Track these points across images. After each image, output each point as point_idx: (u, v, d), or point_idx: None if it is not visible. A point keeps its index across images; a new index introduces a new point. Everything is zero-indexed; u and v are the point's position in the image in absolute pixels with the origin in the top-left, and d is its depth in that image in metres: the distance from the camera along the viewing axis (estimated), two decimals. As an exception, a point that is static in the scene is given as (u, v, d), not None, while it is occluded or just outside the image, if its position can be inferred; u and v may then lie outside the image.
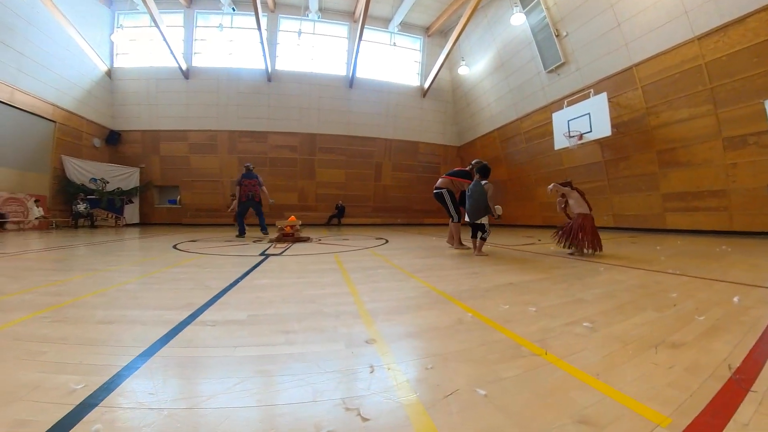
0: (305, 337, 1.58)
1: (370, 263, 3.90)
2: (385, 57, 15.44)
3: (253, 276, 3.13)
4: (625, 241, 6.14)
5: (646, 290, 2.39)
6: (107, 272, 3.30)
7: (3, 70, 10.26)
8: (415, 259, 4.18)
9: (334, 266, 3.68)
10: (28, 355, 1.34)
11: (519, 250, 4.91)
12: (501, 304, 2.06)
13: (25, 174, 11.28)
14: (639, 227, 8.88)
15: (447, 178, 5.44)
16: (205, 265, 3.78)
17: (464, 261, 3.99)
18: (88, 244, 6.06)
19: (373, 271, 3.33)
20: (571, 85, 10.25)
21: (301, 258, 4.38)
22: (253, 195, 7.88)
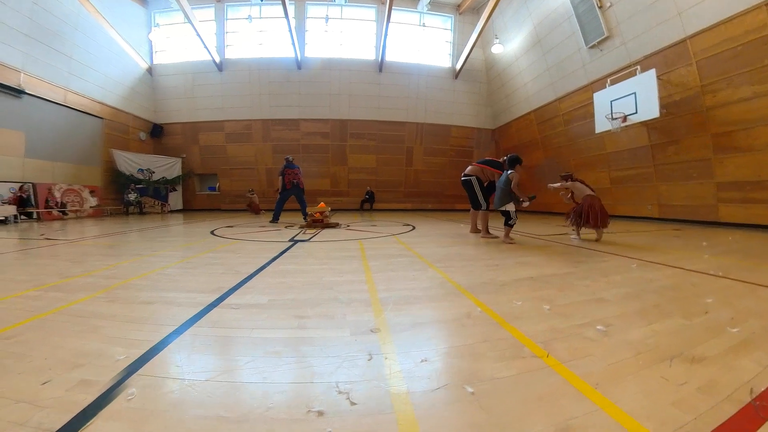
0: (316, 322, 1.77)
1: (392, 251, 4.05)
2: (415, 39, 15.14)
3: (279, 261, 3.42)
4: (667, 234, 5.82)
5: (677, 293, 2.26)
6: (151, 257, 3.73)
7: (56, 75, 11.39)
8: (437, 248, 4.27)
9: (357, 253, 3.88)
10: (88, 329, 1.65)
11: (549, 240, 4.85)
12: (515, 300, 2.10)
13: (79, 167, 12.47)
14: (687, 219, 8.29)
15: (477, 166, 5.48)
16: (238, 251, 4.15)
17: (487, 251, 4.03)
18: (138, 230, 6.74)
19: (393, 260, 3.48)
20: (615, 62, 9.57)
21: (326, 244, 4.65)
22: (297, 182, 8.42)
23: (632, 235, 5.66)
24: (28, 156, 10.94)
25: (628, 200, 10.25)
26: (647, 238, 5.11)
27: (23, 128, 10.72)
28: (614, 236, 5.38)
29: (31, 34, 10.55)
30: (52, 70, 11.23)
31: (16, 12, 10.05)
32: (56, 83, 11.40)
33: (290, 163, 8.47)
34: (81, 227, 7.90)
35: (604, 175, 10.93)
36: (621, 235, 5.51)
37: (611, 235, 5.39)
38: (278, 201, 8.41)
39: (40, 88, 10.93)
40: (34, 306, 1.98)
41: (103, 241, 5.20)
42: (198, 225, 8.09)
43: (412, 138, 15.85)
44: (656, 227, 7.29)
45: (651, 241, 4.78)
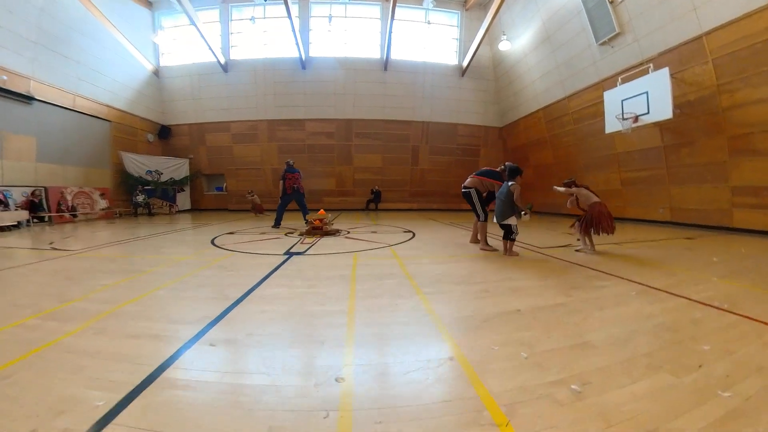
0: (284, 365, 1.76)
1: (384, 268, 3.96)
2: (421, 36, 14.86)
3: (268, 283, 3.39)
4: (679, 245, 5.54)
5: (674, 335, 2.06)
6: (148, 275, 3.74)
7: (65, 80, 11.56)
8: (431, 265, 4.16)
9: (347, 272, 3.81)
10: (74, 369, 1.69)
11: (549, 255, 4.65)
12: (493, 344, 1.97)
13: (89, 170, 12.69)
14: (700, 224, 7.95)
15: (476, 178, 5.38)
16: (231, 267, 4.11)
17: (482, 270, 3.89)
18: (142, 238, 6.77)
19: (382, 282, 3.39)
20: (627, 60, 9.19)
21: (320, 259, 4.58)
22: (297, 187, 8.39)
23: (640, 246, 5.40)
24: (39, 161, 11.16)
25: (639, 202, 9.91)
26: (656, 251, 4.87)
27: (34, 134, 10.93)
28: (622, 248, 5.16)
29: (39, 41, 10.70)
30: (60, 76, 11.40)
31: (23, 20, 10.20)
32: (65, 88, 11.57)
33: (291, 167, 8.41)
34: (88, 232, 8.08)
35: (614, 176, 10.59)
36: (628, 247, 5.27)
37: (619, 248, 5.17)
38: (279, 206, 8.41)
39: (49, 93, 11.12)
40: (31, 339, 2.04)
41: (106, 252, 5.24)
42: (201, 231, 8.11)
43: (418, 137, 15.65)
44: (667, 234, 7.00)
45: (659, 256, 4.54)
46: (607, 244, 5.25)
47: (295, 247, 5.39)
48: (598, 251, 4.72)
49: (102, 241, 6.41)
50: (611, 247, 5.14)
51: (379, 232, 7.32)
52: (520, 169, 4.68)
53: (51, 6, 10.87)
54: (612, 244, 5.30)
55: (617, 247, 5.19)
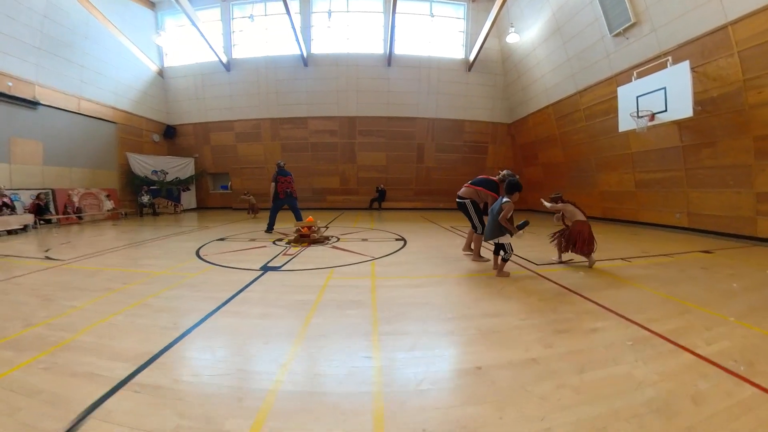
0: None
1: (352, 294, 3.56)
2: (425, 29, 14.19)
3: (226, 309, 3.12)
4: (694, 262, 4.87)
5: (664, 423, 1.57)
6: (117, 294, 3.55)
7: (69, 84, 11.58)
8: (406, 288, 3.73)
9: (312, 296, 3.45)
10: (10, 411, 1.63)
11: (546, 276, 4.10)
12: (425, 424, 1.55)
13: (96, 171, 12.76)
14: (720, 231, 7.21)
15: (471, 188, 4.97)
16: (200, 286, 3.83)
17: (459, 298, 3.45)
18: (132, 245, 6.59)
19: (341, 314, 3.01)
20: (643, 52, 8.38)
21: (292, 277, 4.22)
22: (291, 191, 8.02)
23: (650, 264, 4.74)
24: (46, 164, 11.27)
25: (654, 206, 9.16)
26: (667, 272, 4.22)
27: (41, 138, 11.04)
28: (630, 265, 4.58)
29: (43, 47, 10.75)
30: (64, 80, 11.44)
31: (27, 27, 10.22)
32: (69, 92, 11.61)
33: (282, 170, 8.03)
34: (87, 237, 8.03)
35: (628, 176, 9.83)
36: (637, 264, 4.66)
37: (627, 266, 4.60)
38: (272, 210, 8.07)
39: (54, 98, 11.17)
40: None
41: (93, 262, 5.02)
42: (194, 235, 7.89)
43: (423, 134, 15.08)
44: (683, 245, 6.32)
45: (670, 279, 3.93)
46: (616, 259, 4.73)
47: (275, 260, 5.05)
48: (605, 271, 4.19)
49: (95, 248, 6.22)
50: (618, 265, 4.58)
51: (370, 240, 6.90)
52: (519, 184, 4.11)
53: (53, 11, 10.88)
54: (620, 261, 4.75)
55: (626, 265, 4.62)
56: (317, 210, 14.90)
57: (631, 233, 7.89)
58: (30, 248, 6.53)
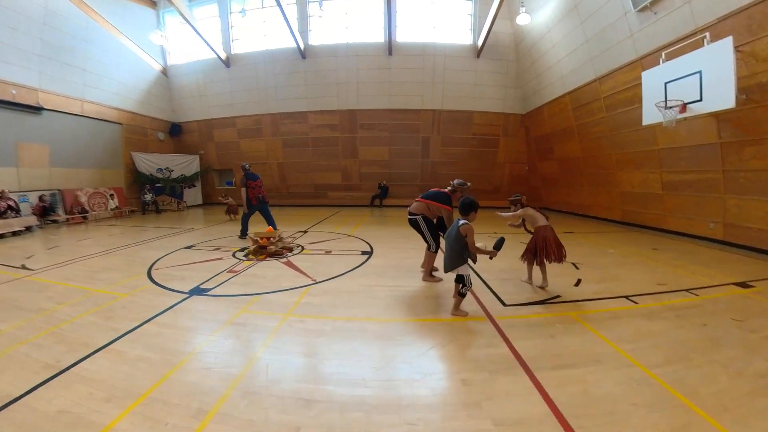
0: None
1: (246, 339, 2.94)
2: (428, 13, 12.78)
3: (109, 349, 2.72)
4: (725, 309, 3.47)
5: None
6: (38, 318, 3.34)
7: (72, 88, 11.51)
8: (311, 337, 2.91)
9: (200, 339, 2.94)
10: None
11: (505, 331, 3.02)
12: None
13: (103, 171, 12.78)
14: (763, 249, 5.73)
15: (422, 202, 4.40)
16: (118, 312, 3.49)
17: (361, 361, 2.52)
18: (102, 254, 6.27)
19: (203, 376, 2.19)
20: (674, 29, 6.80)
21: (209, 306, 3.69)
22: (262, 196, 7.45)
23: (664, 309, 3.47)
24: (53, 166, 11.39)
25: (684, 212, 7.66)
26: (683, 326, 2.94)
27: (46, 141, 11.16)
28: (634, 311, 3.38)
29: (44, 54, 10.74)
30: (67, 84, 11.41)
31: (27, 35, 10.22)
32: (72, 96, 11.61)
33: (249, 173, 7.34)
34: (79, 238, 8.07)
35: (654, 177, 8.30)
36: (646, 309, 3.41)
37: (631, 308, 3.46)
38: (244, 216, 7.50)
39: (57, 102, 11.21)
40: None
41: (52, 275, 4.88)
42: (170, 239, 7.49)
43: (429, 127, 13.83)
44: (715, 269, 4.96)
45: (683, 342, 2.68)
46: (619, 297, 3.63)
47: (214, 279, 4.55)
48: (593, 319, 3.08)
49: (72, 256, 6.11)
50: (619, 308, 3.44)
51: (335, 251, 6.06)
52: (475, 203, 3.31)
53: (52, 18, 10.79)
54: (624, 301, 3.59)
55: (629, 308, 3.43)
56: (318, 207, 14.29)
57: (651, 247, 6.52)
58: (17, 254, 6.48)
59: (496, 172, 14.44)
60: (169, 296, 3.93)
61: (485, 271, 4.66)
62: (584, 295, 3.69)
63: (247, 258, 5.69)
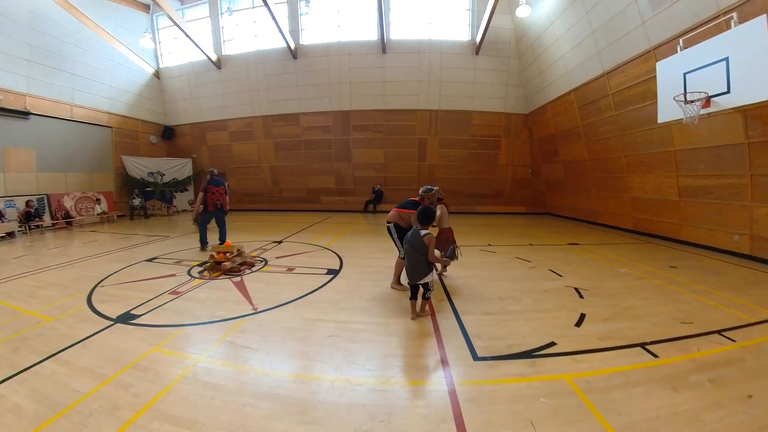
0: None
1: (150, 385, 2.02)
2: (424, 9, 11.89)
3: None
4: (761, 350, 2.72)
5: None
6: None
7: (61, 92, 11.08)
8: (234, 379, 2.06)
9: (84, 388, 2.13)
10: None
11: (503, 382, 2.17)
12: None
13: (92, 175, 12.31)
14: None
15: (396, 211, 4.33)
16: (22, 345, 2.95)
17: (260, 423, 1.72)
18: (66, 264, 5.79)
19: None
20: (694, 13, 5.80)
21: (127, 338, 3.06)
22: (221, 204, 6.80)
23: (691, 365, 2.52)
24: (40, 170, 10.98)
25: (704, 222, 6.64)
26: (719, 402, 2.13)
27: (33, 146, 10.77)
28: (652, 371, 2.42)
29: (32, 58, 10.35)
30: (55, 89, 10.98)
31: (12, 40, 9.82)
32: (61, 100, 11.19)
33: (214, 179, 6.78)
34: (52, 246, 7.71)
35: (669, 181, 7.29)
36: (669, 367, 2.46)
37: (649, 367, 2.52)
38: (200, 223, 6.80)
39: (45, 107, 10.79)
40: None
41: (2, 289, 4.53)
42: (140, 249, 6.86)
43: (425, 128, 12.93)
44: (749, 291, 4.01)
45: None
46: (634, 346, 2.70)
47: (153, 301, 3.93)
48: (591, 388, 2.17)
49: (32, 266, 5.73)
50: (630, 367, 2.48)
51: (299, 268, 5.21)
52: (433, 213, 3.25)
53: (40, 23, 10.39)
54: (639, 351, 2.64)
55: (646, 366, 2.45)
56: (310, 212, 13.52)
57: (668, 263, 5.53)
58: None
59: (498, 175, 13.44)
60: (92, 323, 3.39)
61: (464, 300, 3.77)
62: (587, 341, 2.75)
63: (200, 275, 4.95)
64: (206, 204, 6.59)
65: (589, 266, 5.30)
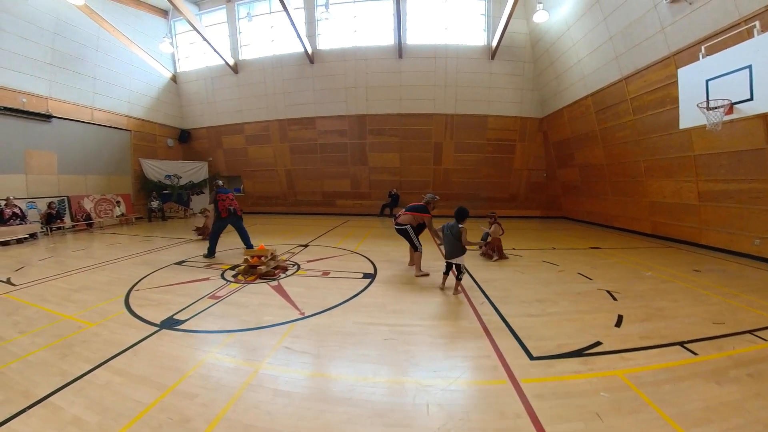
0: None
1: (214, 394, 2.22)
2: (440, 14, 12.17)
3: (31, 414, 2.18)
4: None
5: None
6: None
7: (82, 96, 11.46)
8: (301, 385, 2.26)
9: (145, 402, 2.18)
10: None
11: (562, 379, 2.39)
12: None
13: (110, 178, 12.68)
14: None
15: (409, 215, 5.43)
16: (75, 348, 3.02)
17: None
18: (93, 267, 5.81)
19: None
20: (715, 20, 6.02)
21: (177, 345, 3.11)
22: (234, 209, 6.72)
23: (730, 372, 2.72)
24: (61, 173, 11.33)
25: (724, 226, 6.82)
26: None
27: (55, 149, 11.13)
28: (708, 379, 2.63)
29: (55, 62, 10.72)
30: (77, 93, 11.37)
31: (38, 45, 10.21)
32: (82, 104, 11.57)
33: (221, 188, 6.87)
34: (76, 248, 7.90)
35: (689, 186, 7.47)
36: (714, 373, 2.60)
37: (711, 383, 2.74)
38: (212, 232, 6.73)
39: (67, 110, 11.17)
40: None
41: (31, 293, 4.59)
42: (165, 251, 7.06)
43: (441, 132, 13.19)
44: (764, 291, 4.22)
45: None
46: (671, 344, 2.92)
47: (194, 305, 4.03)
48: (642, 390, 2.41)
49: (60, 269, 5.81)
50: (686, 361, 2.69)
51: (333, 272, 5.42)
52: (467, 212, 4.54)
53: (63, 28, 10.78)
54: (688, 354, 2.82)
55: (697, 366, 2.63)
56: (326, 216, 13.80)
57: (692, 268, 5.71)
58: (9, 264, 6.29)
59: (513, 179, 13.65)
60: (137, 328, 3.44)
61: (504, 302, 4.01)
62: (629, 340, 2.98)
63: (235, 279, 5.13)
64: (218, 211, 6.57)
65: (616, 270, 5.51)
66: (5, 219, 9.15)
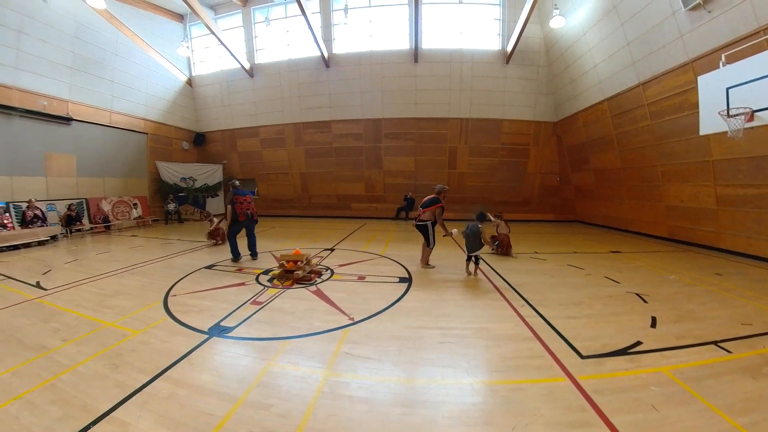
0: None
1: (288, 404, 2.35)
2: (456, 19, 12.48)
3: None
4: None
5: None
6: (39, 360, 2.99)
7: (101, 99, 11.87)
8: (378, 390, 2.50)
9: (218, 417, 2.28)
10: None
11: (614, 376, 2.63)
12: None
13: (128, 180, 13.00)
14: None
15: (428, 210, 5.97)
16: (126, 357, 3.01)
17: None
18: (121, 270, 5.99)
19: None
20: (733, 28, 6.27)
21: (232, 353, 3.14)
22: (251, 213, 6.87)
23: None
24: (80, 175, 11.66)
25: (742, 231, 7.05)
26: None
27: (74, 151, 11.48)
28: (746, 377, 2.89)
29: (75, 66, 11.11)
30: (96, 96, 11.74)
31: (59, 48, 10.59)
32: (101, 107, 11.95)
33: (238, 189, 6.87)
34: (99, 251, 8.06)
35: (707, 190, 7.71)
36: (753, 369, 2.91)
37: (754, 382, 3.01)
38: (230, 236, 6.86)
39: (86, 113, 11.54)
40: None
41: (64, 298, 4.64)
42: (189, 256, 7.27)
43: (456, 136, 13.47)
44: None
45: None
46: (706, 344, 3.16)
47: (237, 312, 4.06)
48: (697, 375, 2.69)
49: (87, 273, 5.91)
50: (722, 358, 2.94)
51: (369, 276, 5.64)
52: (487, 215, 6.09)
53: (83, 32, 11.18)
54: (723, 352, 3.06)
55: (733, 363, 2.87)
56: (341, 219, 14.09)
57: (714, 272, 5.95)
58: (36, 267, 6.43)
59: (527, 183, 13.92)
60: (185, 336, 3.44)
61: (543, 305, 4.25)
62: (667, 340, 3.24)
63: (271, 284, 5.27)
64: (236, 214, 6.64)
65: (640, 273, 5.75)
66: (27, 221, 9.47)
